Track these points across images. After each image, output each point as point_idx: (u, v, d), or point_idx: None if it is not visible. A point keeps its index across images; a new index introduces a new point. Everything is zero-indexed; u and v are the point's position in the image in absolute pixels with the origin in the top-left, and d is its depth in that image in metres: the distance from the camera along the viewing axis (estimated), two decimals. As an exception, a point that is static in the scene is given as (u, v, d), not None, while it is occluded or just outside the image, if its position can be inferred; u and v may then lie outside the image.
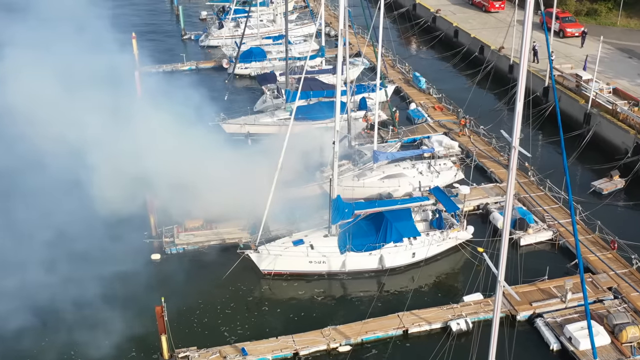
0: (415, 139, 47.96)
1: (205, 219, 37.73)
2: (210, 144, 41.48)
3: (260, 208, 35.28)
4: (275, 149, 42.46)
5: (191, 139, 41.08)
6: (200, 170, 38.02)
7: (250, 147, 43.94)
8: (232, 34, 67.60)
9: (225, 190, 37.22)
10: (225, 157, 40.62)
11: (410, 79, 57.55)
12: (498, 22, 68.16)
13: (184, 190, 36.93)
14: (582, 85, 50.15)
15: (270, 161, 41.05)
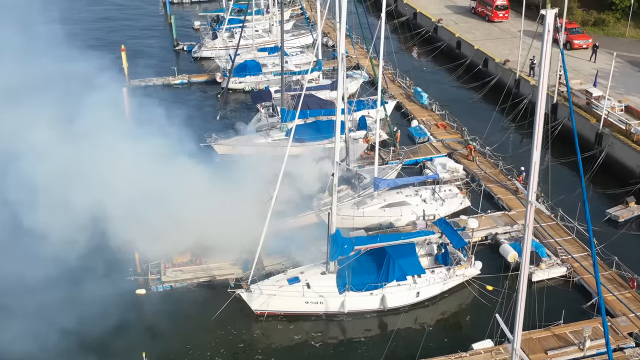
0: (417, 161, 45.46)
1: (194, 253, 35.24)
2: (199, 169, 39.07)
3: (253, 240, 32.91)
4: (270, 173, 40.48)
5: (179, 165, 38.72)
6: (188, 199, 35.65)
7: (244, 172, 41.29)
8: (226, 45, 65.08)
9: (214, 221, 34.78)
10: (215, 183, 38.23)
11: (412, 94, 55.07)
12: (502, 32, 65.74)
13: (170, 222, 34.50)
14: (593, 103, 47.69)
15: (265, 187, 38.99)
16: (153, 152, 39.86)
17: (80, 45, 69.30)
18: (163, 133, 43.20)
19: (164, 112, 51.86)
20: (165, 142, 41.88)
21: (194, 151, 42.41)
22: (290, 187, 39.39)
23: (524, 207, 39.48)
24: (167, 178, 37.30)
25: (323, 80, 55.90)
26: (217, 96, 56.68)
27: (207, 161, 41.41)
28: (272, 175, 39.79)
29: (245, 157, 44.63)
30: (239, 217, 35.48)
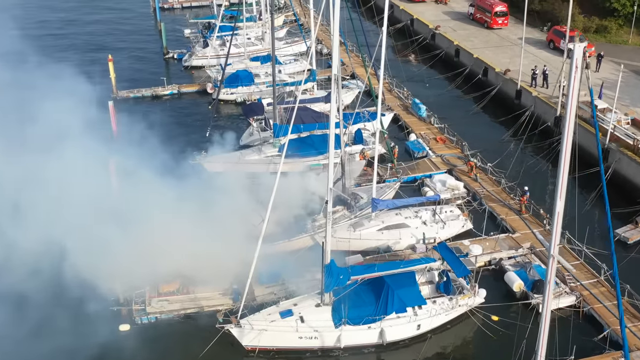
0: (416, 178, 43.55)
1: (182, 282, 33.24)
2: (186, 190, 37.11)
3: (243, 266, 31.02)
4: (261, 192, 38.53)
5: (165, 185, 36.77)
6: (173, 222, 33.73)
7: (234, 192, 39.26)
8: (218, 54, 63.01)
9: (201, 247, 32.82)
10: (202, 205, 36.26)
11: (409, 105, 53.15)
12: (501, 40, 63.88)
13: (155, 248, 32.53)
14: (599, 116, 45.85)
15: (256, 208, 37.08)
16: (138, 172, 38.06)
17: (65, 53, 67.91)
18: (150, 151, 41.38)
19: (152, 127, 50.05)
20: (152, 161, 40.16)
21: (182, 169, 40.64)
22: (283, 207, 37.55)
23: (528, 229, 37.77)
24: (152, 199, 35.50)
25: (318, 92, 53.95)
26: (209, 107, 54.71)
27: (196, 180, 39.55)
28: (264, 195, 38.26)
29: (236, 174, 42.76)
30: (228, 242, 33.67)
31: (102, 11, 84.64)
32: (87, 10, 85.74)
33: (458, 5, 74.79)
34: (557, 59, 58.08)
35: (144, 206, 34.73)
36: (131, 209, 34.50)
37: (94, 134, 43.44)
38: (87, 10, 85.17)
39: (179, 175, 39.36)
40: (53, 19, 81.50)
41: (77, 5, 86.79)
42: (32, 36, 74.16)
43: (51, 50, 69.06)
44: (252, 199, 37.98)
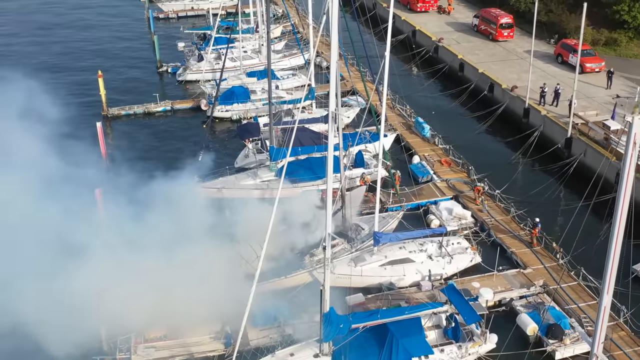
0: (420, 204, 41.25)
1: (169, 327, 30.90)
2: (174, 220, 34.88)
3: (236, 306, 28.78)
4: (256, 223, 36.28)
5: (153, 214, 34.58)
6: (159, 258, 31.56)
7: (226, 222, 36.92)
8: (213, 68, 60.72)
9: (190, 286, 30.57)
10: (192, 237, 34.03)
11: (412, 123, 50.84)
12: (507, 53, 61.59)
13: (141, 290, 30.26)
14: (611, 138, 43.57)
15: (251, 240, 34.90)
16: (125, 202, 35.87)
17: (54, 64, 65.71)
18: (138, 177, 39.20)
19: (142, 149, 47.94)
20: (141, 189, 37.98)
21: (173, 197, 38.36)
22: (279, 239, 35.34)
23: (540, 263, 35.49)
24: (139, 234, 33.31)
25: (316, 110, 51.67)
26: (203, 126, 52.46)
27: (186, 211, 37.29)
28: (259, 225, 36.02)
29: (230, 200, 40.51)
30: (220, 281, 31.45)
31: (95, 19, 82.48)
32: (80, 17, 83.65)
33: (461, 16, 72.48)
34: (565, 74, 55.85)
35: (130, 242, 32.59)
36: (117, 245, 32.37)
37: (81, 158, 41.49)
38: (79, 17, 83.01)
39: (169, 204, 37.24)
40: (42, 27, 79.29)
41: (70, 12, 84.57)
42: (23, 43, 72.65)
43: (40, 60, 67.10)
44: (245, 230, 35.82)
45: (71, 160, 40.04)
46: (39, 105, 52.07)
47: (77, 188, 36.76)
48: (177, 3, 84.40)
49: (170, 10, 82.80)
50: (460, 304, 28.84)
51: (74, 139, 48.15)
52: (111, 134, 51.90)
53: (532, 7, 66.11)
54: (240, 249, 34.38)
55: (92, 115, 54.10)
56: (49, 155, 39.84)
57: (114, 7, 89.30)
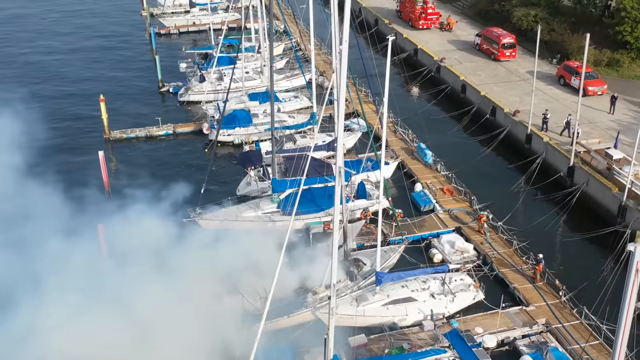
0: (422, 237, 41.17)
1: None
2: (174, 254, 35.00)
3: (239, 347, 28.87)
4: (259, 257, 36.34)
5: (152, 248, 34.76)
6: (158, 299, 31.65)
7: (229, 257, 36.85)
8: (215, 88, 60.76)
9: (187, 331, 30.63)
10: (192, 277, 34.07)
11: (414, 149, 50.76)
12: (509, 74, 61.49)
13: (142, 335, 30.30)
14: (614, 168, 43.44)
15: (254, 278, 34.90)
16: (126, 239, 35.99)
17: (55, 86, 65.64)
18: (141, 210, 39.30)
19: (145, 177, 47.86)
20: (142, 223, 38.08)
21: (175, 231, 38.41)
22: (282, 276, 35.26)
23: (543, 300, 35.42)
24: (140, 275, 33.43)
25: (318, 135, 51.55)
26: (205, 151, 52.53)
27: (189, 242, 37.36)
28: (261, 261, 36.08)
29: (232, 232, 40.43)
30: (222, 324, 31.54)
31: (96, 35, 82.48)
32: (82, 34, 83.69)
33: (464, 33, 72.39)
34: (568, 97, 55.81)
35: (128, 284, 32.72)
36: (113, 288, 32.47)
37: (83, 190, 41.61)
38: (81, 34, 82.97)
39: (171, 238, 37.35)
40: (46, 45, 79.31)
41: (72, 31, 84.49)
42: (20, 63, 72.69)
43: (41, 80, 67.07)
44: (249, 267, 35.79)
45: (74, 194, 40.40)
46: (39, 129, 52.54)
47: (79, 223, 37.02)
48: (178, 18, 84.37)
49: (172, 26, 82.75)
50: (463, 351, 28.88)
51: (76, 166, 48.51)
52: (114, 158, 51.88)
53: (534, 26, 66.33)
54: (242, 287, 34.29)
55: (94, 139, 54.34)
56: (52, 187, 40.14)
57: (115, 21, 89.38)
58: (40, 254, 33.77)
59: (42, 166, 45.54)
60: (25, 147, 47.10)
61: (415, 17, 73.57)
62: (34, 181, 40.97)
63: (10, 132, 45.01)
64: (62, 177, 42.58)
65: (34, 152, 46.88)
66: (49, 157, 49.89)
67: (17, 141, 47.01)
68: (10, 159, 42.70)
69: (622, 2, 60.63)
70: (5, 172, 41.37)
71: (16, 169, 42.49)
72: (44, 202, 38.42)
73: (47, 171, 43.23)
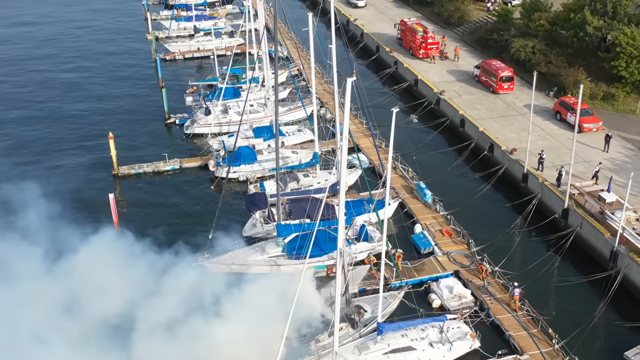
0: (421, 280, 42.78)
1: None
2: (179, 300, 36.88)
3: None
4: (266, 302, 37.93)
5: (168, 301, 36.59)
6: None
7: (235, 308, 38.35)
8: (220, 122, 62.36)
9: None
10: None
11: (414, 187, 52.32)
12: (507, 107, 63.02)
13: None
14: (607, 213, 44.93)
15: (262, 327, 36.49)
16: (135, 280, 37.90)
17: (60, 123, 67.14)
18: (151, 255, 41.11)
19: (153, 218, 49.44)
20: (154, 267, 39.88)
21: (185, 276, 40.09)
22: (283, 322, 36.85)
23: (537, 348, 36.97)
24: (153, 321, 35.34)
25: (320, 173, 53.14)
26: (211, 187, 54.19)
27: (197, 287, 39.15)
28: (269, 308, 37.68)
29: (239, 275, 42.06)
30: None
31: (101, 61, 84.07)
32: (85, 57, 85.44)
33: (463, 62, 73.83)
34: (563, 133, 57.37)
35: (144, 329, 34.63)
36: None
37: (95, 235, 43.17)
38: (85, 62, 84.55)
39: (181, 283, 39.05)
40: (49, 73, 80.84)
41: (76, 57, 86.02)
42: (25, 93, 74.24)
43: (47, 118, 68.47)
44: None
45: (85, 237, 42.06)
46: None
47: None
48: (183, 44, 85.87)
49: (177, 52, 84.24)
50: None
51: (86, 208, 49.94)
52: (122, 197, 53.45)
53: (532, 57, 67.98)
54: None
55: (102, 174, 55.94)
56: (63, 233, 41.83)
57: (120, 43, 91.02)
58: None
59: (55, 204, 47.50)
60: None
61: (416, 47, 75.04)
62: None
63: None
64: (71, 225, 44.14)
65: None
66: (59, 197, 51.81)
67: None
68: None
69: (618, 38, 62.08)
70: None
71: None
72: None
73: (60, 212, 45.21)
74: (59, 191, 50.87)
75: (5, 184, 50.38)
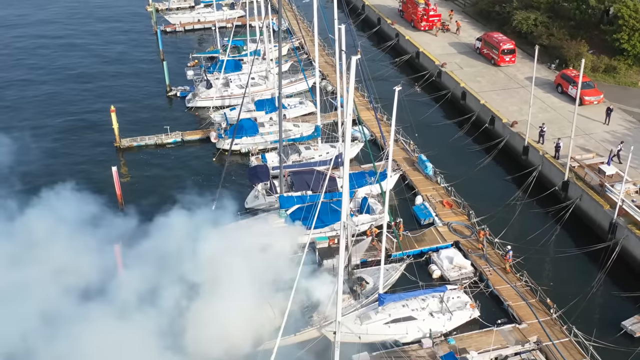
0: (422, 251, 43.30)
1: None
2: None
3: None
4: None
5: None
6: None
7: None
8: (222, 95, 62.42)
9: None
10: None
11: (416, 160, 52.59)
12: (509, 80, 63.02)
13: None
14: (606, 185, 45.26)
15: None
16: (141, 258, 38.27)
17: (62, 92, 67.23)
18: (155, 227, 41.34)
19: (156, 189, 49.76)
20: (158, 238, 40.15)
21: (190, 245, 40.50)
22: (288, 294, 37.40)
23: (535, 318, 37.55)
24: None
25: (322, 146, 53.34)
26: (213, 160, 54.51)
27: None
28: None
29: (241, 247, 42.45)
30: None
31: (101, 34, 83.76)
32: (86, 30, 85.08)
33: (465, 35, 73.58)
34: (565, 106, 57.45)
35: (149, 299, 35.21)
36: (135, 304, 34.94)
37: (98, 207, 43.50)
38: (85, 31, 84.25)
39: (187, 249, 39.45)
40: (51, 44, 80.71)
41: (74, 31, 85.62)
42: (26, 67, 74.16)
43: (49, 84, 68.53)
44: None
45: (88, 211, 42.39)
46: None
47: (95, 243, 39.17)
48: (184, 15, 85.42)
49: (177, 23, 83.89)
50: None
51: (89, 181, 50.21)
52: (125, 169, 53.73)
53: (534, 29, 67.75)
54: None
55: (105, 148, 56.19)
56: (66, 205, 42.10)
57: (120, 15, 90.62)
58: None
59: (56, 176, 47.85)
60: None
61: (417, 19, 74.74)
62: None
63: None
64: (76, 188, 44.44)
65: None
66: (61, 167, 52.18)
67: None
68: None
69: (620, 11, 61.83)
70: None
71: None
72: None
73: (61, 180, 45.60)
74: (61, 164, 51.27)
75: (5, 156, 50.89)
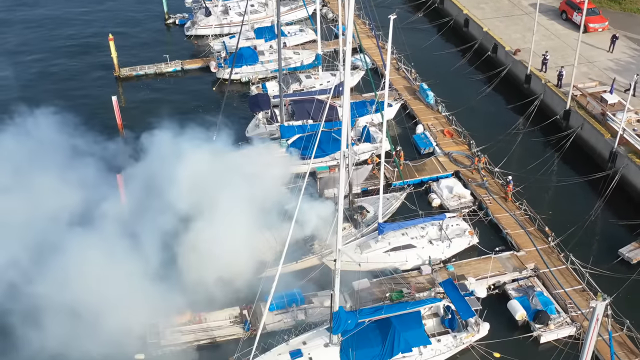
0: (422, 180, 43.59)
1: (193, 311, 34.07)
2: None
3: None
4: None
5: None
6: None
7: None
8: (221, 23, 61.38)
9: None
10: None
11: (417, 88, 52.23)
12: (513, 7, 61.80)
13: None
14: (608, 114, 45.10)
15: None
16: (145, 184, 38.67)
17: (61, 24, 65.98)
18: (156, 154, 41.48)
19: (156, 118, 49.56)
20: (159, 164, 40.39)
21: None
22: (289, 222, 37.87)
23: (533, 245, 38.17)
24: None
25: (322, 74, 52.88)
26: (213, 89, 54.16)
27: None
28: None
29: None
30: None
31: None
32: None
33: (469, -42, 71.64)
34: (569, 33, 56.63)
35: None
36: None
37: (98, 136, 43.65)
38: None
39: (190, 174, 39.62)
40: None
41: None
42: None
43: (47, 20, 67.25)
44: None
45: (89, 139, 42.54)
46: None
47: (97, 173, 39.50)
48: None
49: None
50: (457, 300, 31.87)
51: (89, 110, 50.02)
52: (124, 99, 53.40)
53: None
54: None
55: (104, 77, 55.70)
56: (66, 136, 42.19)
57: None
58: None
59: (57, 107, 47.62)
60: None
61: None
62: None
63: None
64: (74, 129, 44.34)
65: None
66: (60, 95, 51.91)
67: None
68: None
69: None
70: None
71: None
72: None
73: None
74: (61, 93, 51.02)
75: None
